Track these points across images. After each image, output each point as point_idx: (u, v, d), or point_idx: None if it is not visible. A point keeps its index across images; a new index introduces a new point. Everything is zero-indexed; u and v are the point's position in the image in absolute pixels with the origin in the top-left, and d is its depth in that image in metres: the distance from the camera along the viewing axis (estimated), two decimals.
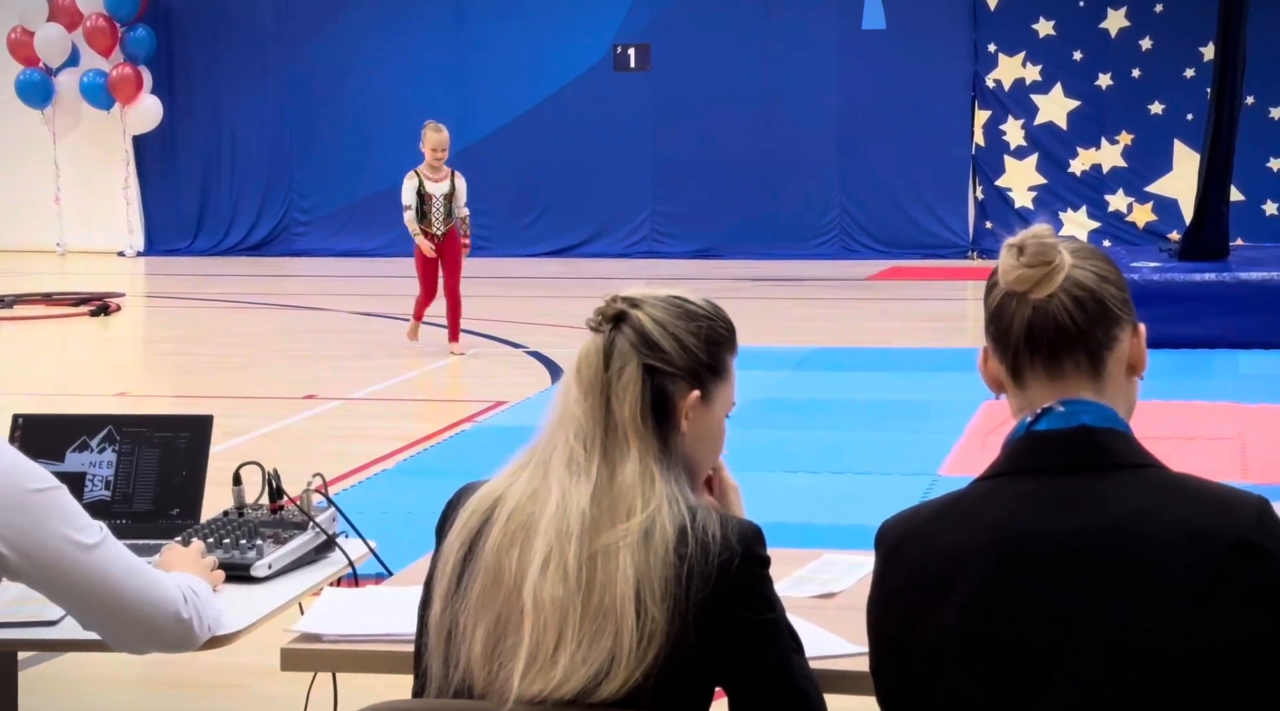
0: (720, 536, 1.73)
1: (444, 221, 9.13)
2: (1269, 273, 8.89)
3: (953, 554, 1.62)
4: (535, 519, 1.76)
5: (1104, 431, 1.62)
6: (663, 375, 1.78)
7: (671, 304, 1.82)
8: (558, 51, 15.03)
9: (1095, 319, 1.64)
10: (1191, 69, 13.51)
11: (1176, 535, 1.56)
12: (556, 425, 1.79)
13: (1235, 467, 5.97)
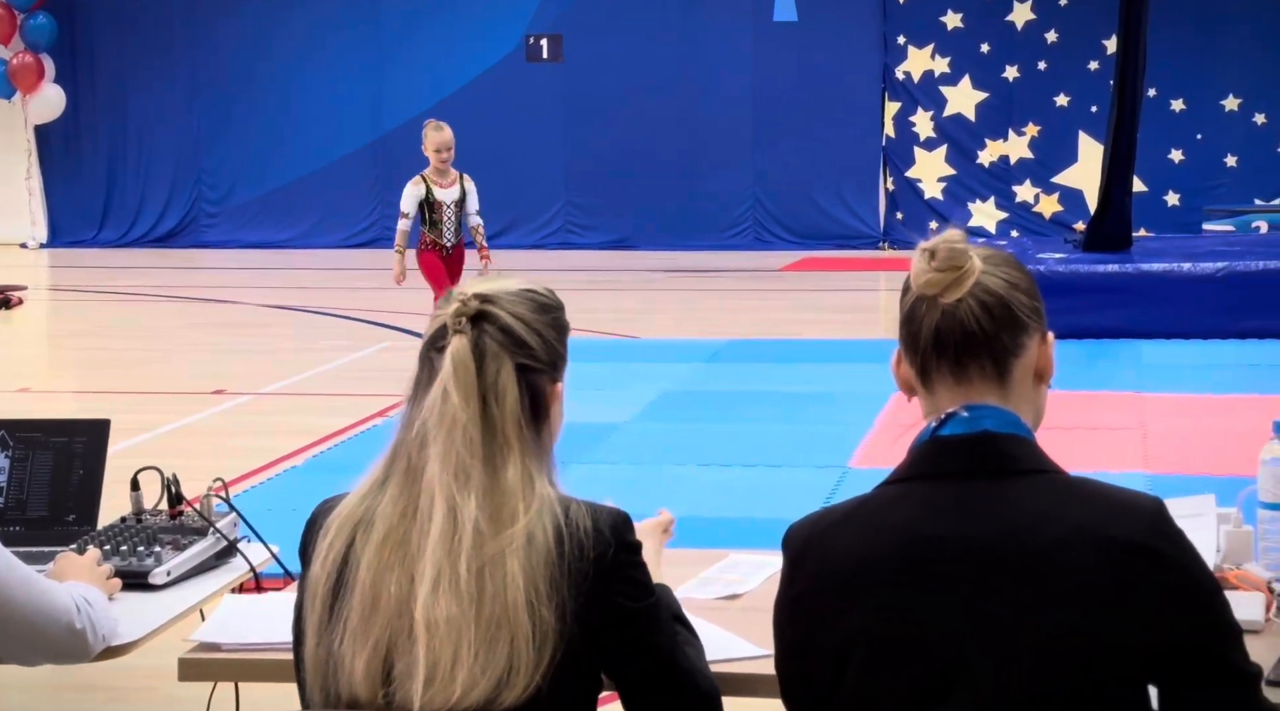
0: (593, 529, 1.73)
1: (456, 231, 8.40)
2: (1170, 264, 9.05)
3: (858, 559, 1.64)
4: (414, 537, 1.71)
5: (1006, 437, 1.64)
6: (532, 372, 1.77)
7: (525, 297, 1.80)
8: (470, 42, 14.94)
9: (1002, 325, 1.65)
10: (1095, 62, 13.72)
11: (1075, 539, 1.57)
12: (434, 431, 1.72)
13: (1137, 458, 6.07)
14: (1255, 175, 13.63)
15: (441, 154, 8.35)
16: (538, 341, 1.78)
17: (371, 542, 1.73)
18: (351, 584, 1.72)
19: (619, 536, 1.75)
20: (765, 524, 5.39)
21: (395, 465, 1.76)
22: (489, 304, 1.77)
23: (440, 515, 1.70)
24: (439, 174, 8.41)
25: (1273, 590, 2.25)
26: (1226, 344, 8.70)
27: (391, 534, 1.73)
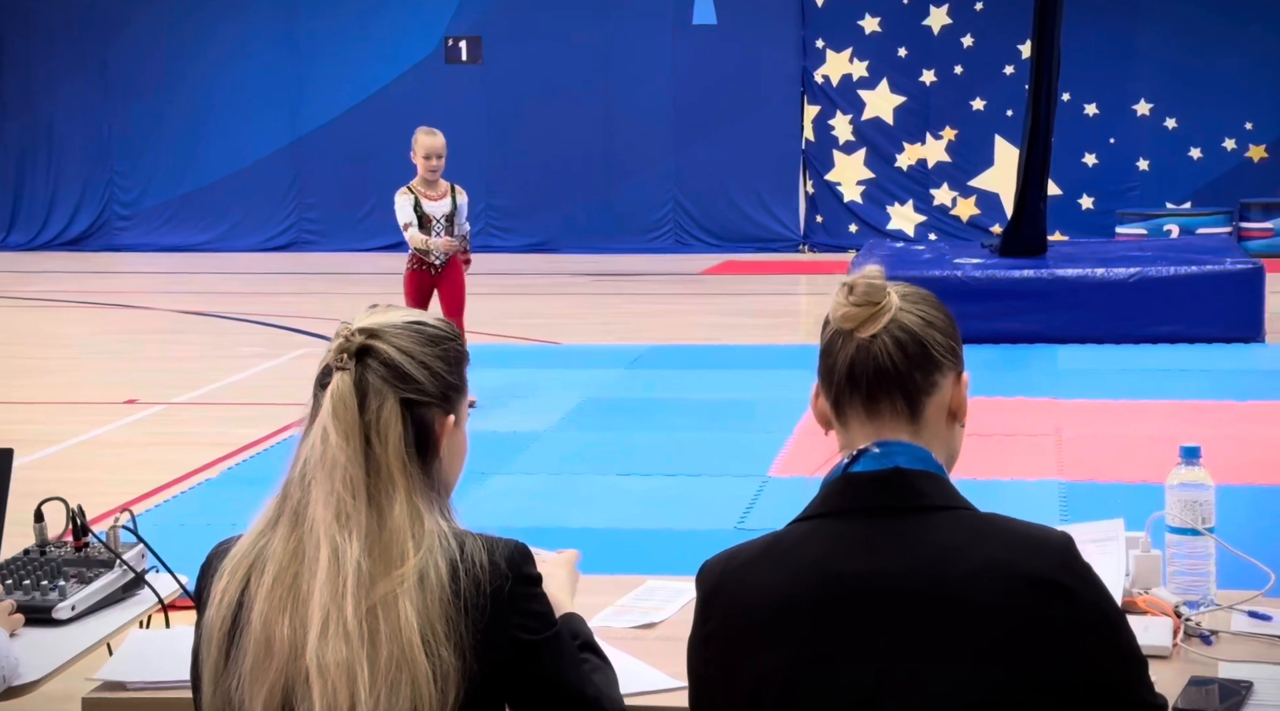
0: (489, 564, 1.71)
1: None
2: (1084, 269, 9.17)
3: (769, 598, 1.64)
4: (304, 580, 1.69)
5: (916, 473, 1.64)
6: (420, 406, 1.74)
7: (412, 330, 1.76)
8: (389, 43, 14.83)
9: (915, 362, 1.66)
10: (1011, 66, 13.88)
11: (984, 575, 1.58)
12: (315, 472, 1.69)
13: (1051, 465, 6.14)
14: (1166, 178, 13.86)
15: (431, 162, 7.56)
16: (425, 375, 1.75)
17: (264, 585, 1.70)
18: (246, 628, 1.69)
19: (516, 569, 1.73)
20: (685, 536, 5.41)
21: (285, 504, 1.73)
22: (373, 338, 1.74)
23: (324, 557, 1.67)
24: (428, 185, 7.57)
25: (1180, 614, 2.27)
26: (1139, 348, 8.83)
27: (282, 576, 1.70)
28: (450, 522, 1.74)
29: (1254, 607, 2.29)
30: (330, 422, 1.69)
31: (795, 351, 9.09)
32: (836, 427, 1.71)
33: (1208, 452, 6.57)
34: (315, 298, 12.10)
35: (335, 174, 15.09)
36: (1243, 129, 13.76)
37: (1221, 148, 13.82)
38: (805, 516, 1.68)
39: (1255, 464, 6.04)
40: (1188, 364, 8.34)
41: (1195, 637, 2.22)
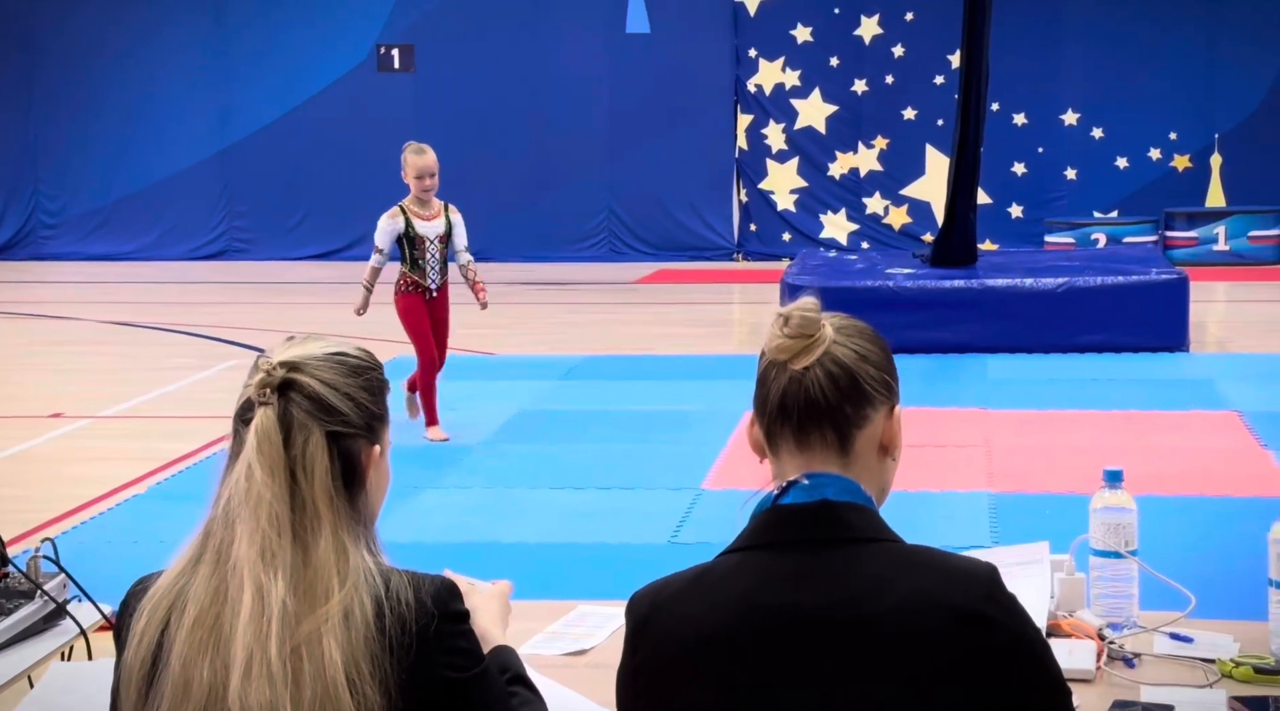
0: (415, 602, 1.69)
1: (441, 270, 7.13)
2: (1013, 279, 9.27)
3: (698, 630, 1.64)
4: (226, 621, 1.66)
5: (845, 506, 1.65)
6: (345, 438, 1.72)
7: (334, 361, 1.74)
8: (319, 51, 14.73)
9: (846, 396, 1.67)
10: (941, 76, 14.01)
11: (910, 607, 1.59)
12: (240, 510, 1.67)
13: (981, 476, 6.20)
14: (1094, 188, 14.04)
15: (424, 181, 7.10)
16: (350, 406, 1.73)
17: (184, 626, 1.67)
18: (165, 670, 1.66)
19: (442, 607, 1.72)
20: (619, 550, 5.41)
21: (207, 543, 1.70)
22: (295, 371, 1.72)
23: (248, 597, 1.65)
24: (420, 204, 7.13)
25: (1103, 637, 2.30)
26: (1067, 358, 8.94)
27: (203, 617, 1.67)
28: (376, 558, 1.73)
29: (1176, 630, 2.32)
30: (255, 459, 1.66)
31: (729, 361, 9.13)
32: (769, 457, 1.72)
33: (1133, 463, 6.70)
34: (246, 307, 11.98)
35: (266, 182, 14.96)
36: (1167, 139, 13.98)
37: (1147, 157, 14.03)
38: (734, 548, 1.68)
39: (1180, 474, 6.13)
40: (1114, 374, 8.45)
41: (1118, 661, 2.24)
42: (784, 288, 9.48)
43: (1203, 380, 8.14)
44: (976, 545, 5.15)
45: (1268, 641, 2.23)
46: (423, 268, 7.09)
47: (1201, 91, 13.86)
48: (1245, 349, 9.31)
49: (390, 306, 7.48)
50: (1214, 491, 5.89)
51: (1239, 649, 2.25)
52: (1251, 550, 2.50)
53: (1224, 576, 4.41)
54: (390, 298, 7.43)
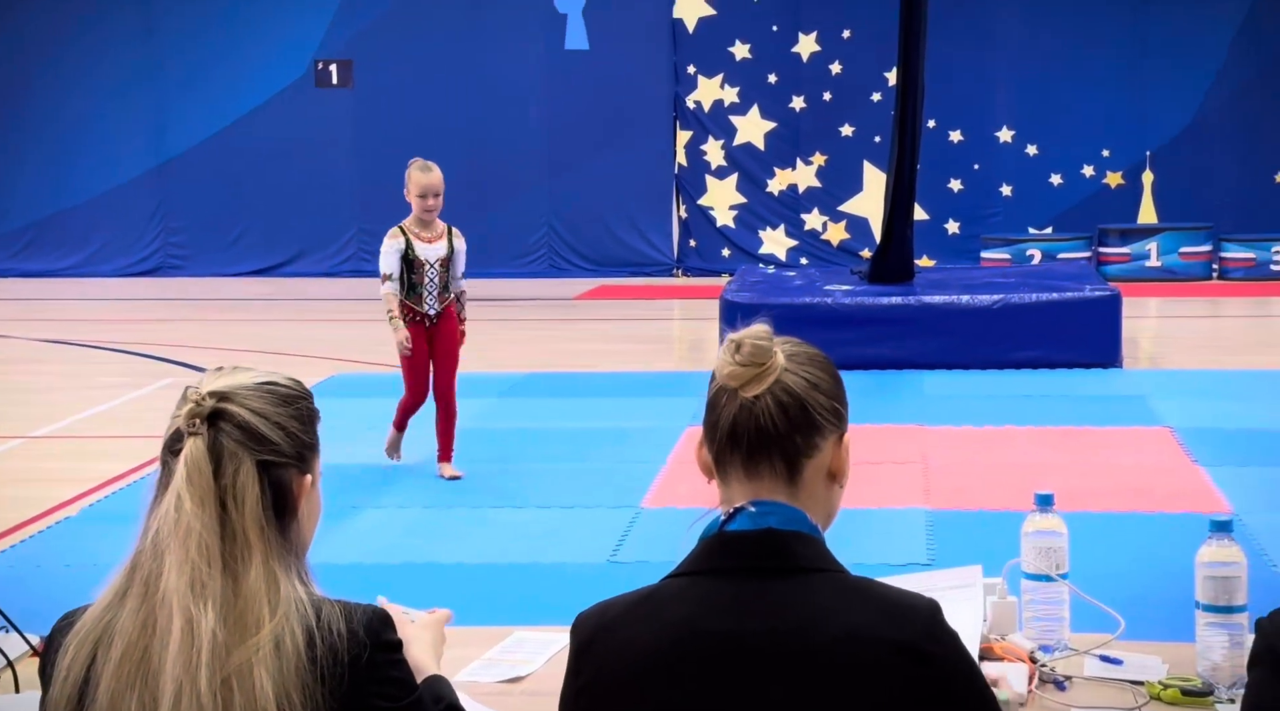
0: (347, 632, 1.69)
1: (439, 296, 6.61)
2: (950, 296, 9.35)
3: (640, 653, 1.65)
4: (154, 654, 1.65)
5: (789, 535, 1.65)
6: (276, 468, 1.73)
7: (264, 391, 1.75)
8: (256, 66, 14.64)
9: (796, 425, 1.67)
10: (878, 93, 14.13)
11: (850, 640, 1.60)
12: (169, 541, 1.66)
13: (918, 493, 6.24)
14: (1029, 204, 14.20)
15: (427, 201, 6.61)
16: (280, 435, 1.73)
17: (111, 660, 1.66)
18: (91, 706, 1.65)
19: (374, 636, 1.72)
20: (558, 569, 5.40)
21: (135, 576, 1.69)
22: (225, 401, 1.72)
23: (177, 628, 1.64)
24: (421, 226, 6.64)
25: (1035, 660, 2.33)
26: (1003, 374, 9.03)
27: (130, 651, 1.66)
28: (307, 587, 1.73)
29: (1106, 652, 2.35)
30: (184, 489, 1.66)
31: (669, 378, 9.15)
32: (718, 481, 1.72)
33: (1067, 480, 6.76)
34: (182, 325, 11.87)
35: (204, 197, 14.84)
36: (1100, 156, 14.17)
37: (1080, 174, 14.21)
38: (679, 572, 1.69)
39: (1113, 491, 6.21)
40: (1049, 390, 8.54)
41: (1050, 683, 2.27)
42: (723, 304, 9.51)
43: (1135, 396, 8.24)
44: (913, 562, 5.19)
45: (1195, 663, 2.26)
46: (420, 294, 6.55)
47: (1133, 109, 14.07)
48: (1177, 364, 9.45)
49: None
50: (1146, 507, 5.97)
51: (1167, 670, 2.28)
52: (1182, 568, 2.53)
53: (1155, 595, 4.47)
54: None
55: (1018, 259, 13.39)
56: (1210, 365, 9.29)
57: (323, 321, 12.00)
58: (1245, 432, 7.20)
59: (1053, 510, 2.44)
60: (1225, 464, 6.59)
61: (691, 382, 9.04)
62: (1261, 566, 5.03)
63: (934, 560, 5.25)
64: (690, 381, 9.09)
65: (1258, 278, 13.27)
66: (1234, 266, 13.45)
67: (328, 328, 11.61)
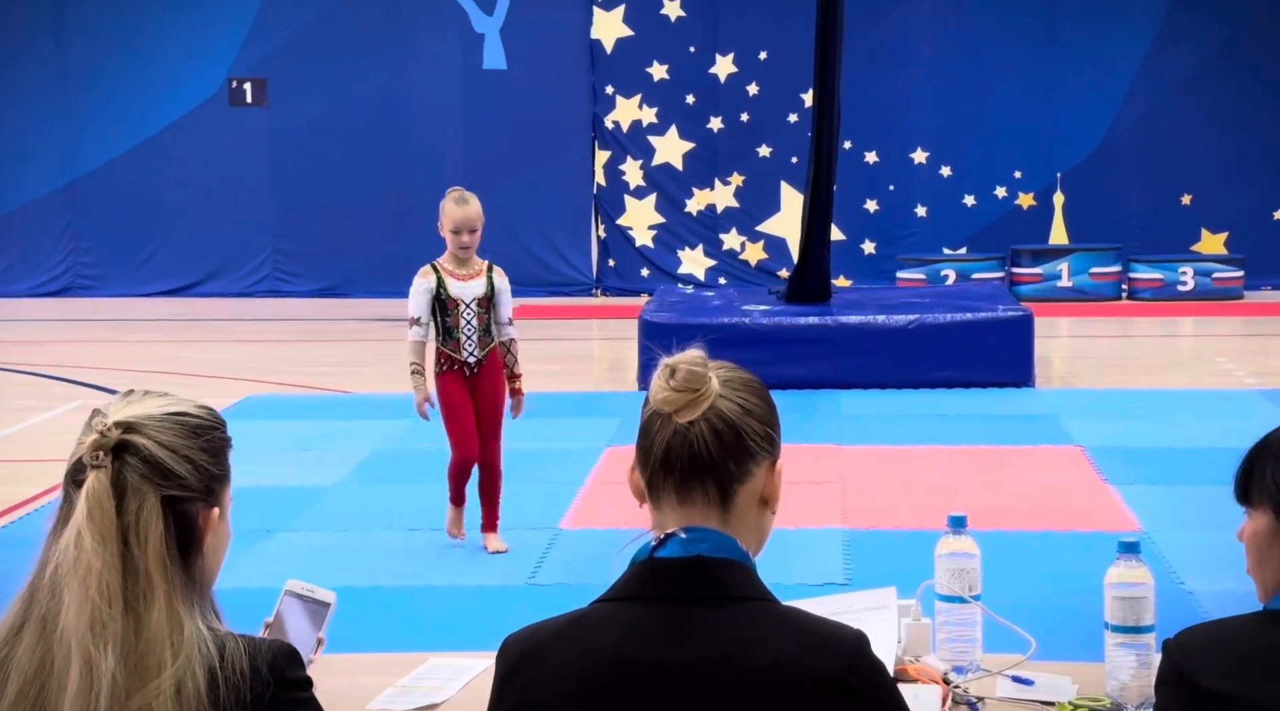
0: (249, 670, 1.65)
1: (480, 341, 5.78)
2: (866, 316, 9.44)
3: (565, 679, 1.64)
4: (52, 695, 1.61)
5: (719, 562, 1.65)
6: (182, 502, 1.68)
7: (173, 421, 1.70)
8: (168, 85, 14.46)
9: (730, 452, 1.67)
10: (795, 114, 14.25)
11: (773, 671, 1.59)
12: (67, 578, 1.61)
13: (835, 513, 6.28)
14: (943, 225, 14.38)
15: (461, 237, 5.84)
16: (188, 469, 1.69)
17: (7, 699, 1.62)
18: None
19: (279, 674, 1.68)
20: (476, 593, 5.37)
21: (32, 611, 1.64)
22: (131, 433, 1.66)
23: (75, 670, 1.60)
24: (456, 262, 5.89)
25: (948, 681, 2.34)
26: (918, 394, 9.12)
27: (26, 689, 1.62)
28: (212, 624, 1.69)
29: (1018, 672, 2.38)
30: (85, 525, 1.61)
31: (588, 399, 9.14)
32: (650, 505, 1.72)
33: (981, 499, 6.83)
34: (92, 346, 11.67)
35: (115, 217, 14.61)
36: (1012, 177, 14.38)
37: (993, 195, 14.41)
38: (608, 597, 1.69)
39: (1026, 510, 6.28)
40: (963, 409, 8.64)
41: (963, 705, 2.29)
42: (642, 324, 9.53)
43: (1048, 415, 8.36)
44: (830, 582, 5.22)
45: (1104, 683, 2.29)
46: (457, 338, 5.74)
47: (1044, 131, 14.30)
48: (1088, 384, 9.59)
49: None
50: (1058, 526, 6.05)
51: (1077, 690, 2.31)
52: (1092, 587, 2.57)
53: (1065, 614, 4.53)
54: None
55: (933, 279, 13.54)
56: (1120, 385, 9.45)
57: (237, 342, 11.86)
58: (1154, 451, 7.33)
59: (966, 532, 2.46)
60: (1135, 482, 6.70)
61: (611, 403, 9.04)
62: (1169, 584, 5.11)
63: (851, 580, 5.28)
64: (609, 402, 9.09)
65: (1165, 298, 13.53)
66: (1142, 287, 13.70)
67: (242, 349, 11.48)
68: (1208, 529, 5.77)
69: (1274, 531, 1.78)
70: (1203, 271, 13.66)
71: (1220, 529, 6.13)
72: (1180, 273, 13.65)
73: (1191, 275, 13.62)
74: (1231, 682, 1.68)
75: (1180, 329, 12.42)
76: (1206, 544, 5.57)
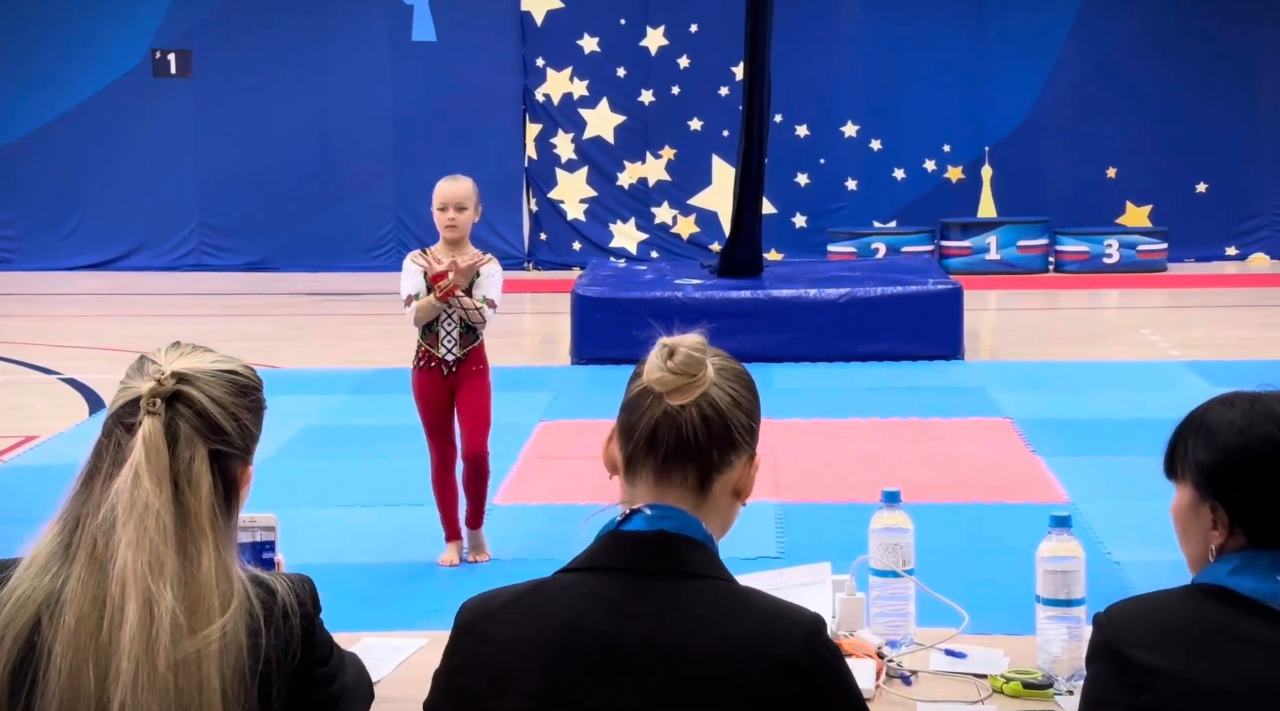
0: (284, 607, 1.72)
1: (460, 340, 5.41)
2: (798, 290, 9.47)
3: (515, 644, 1.65)
4: (106, 628, 1.64)
5: (681, 539, 1.66)
6: (226, 458, 1.74)
7: (225, 378, 1.75)
8: (91, 55, 14.20)
9: (716, 440, 1.68)
10: (726, 87, 14.25)
11: (725, 650, 1.59)
12: (125, 516, 1.65)
13: (768, 486, 6.31)
14: (873, 198, 14.46)
15: (448, 213, 5.39)
16: (234, 426, 1.74)
17: (64, 629, 1.64)
18: (46, 675, 1.62)
19: (317, 602, 1.79)
20: (410, 569, 5.34)
21: (79, 546, 1.67)
22: (186, 384, 1.72)
23: (134, 608, 1.63)
24: (449, 247, 5.41)
25: (882, 656, 2.36)
26: (849, 367, 9.17)
27: (84, 622, 1.64)
28: (247, 570, 1.75)
29: (951, 646, 2.40)
30: (144, 467, 1.66)
31: (521, 373, 9.10)
32: (623, 479, 1.72)
33: (913, 471, 6.87)
34: (13, 321, 11.47)
35: (35, 190, 14.35)
36: (941, 151, 14.48)
37: (923, 169, 14.51)
38: (571, 567, 1.69)
39: (956, 482, 6.35)
40: (894, 382, 8.70)
41: (896, 678, 2.30)
42: (574, 298, 9.51)
43: (976, 388, 8.44)
44: (763, 555, 5.25)
45: (1035, 655, 2.32)
46: (436, 332, 5.37)
47: (972, 105, 14.40)
48: (1016, 356, 9.69)
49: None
50: (988, 498, 6.12)
51: (1009, 664, 2.33)
52: (1022, 559, 2.60)
53: (997, 586, 4.58)
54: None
55: (863, 252, 13.62)
56: (1047, 357, 9.56)
57: (162, 317, 11.70)
58: (1081, 423, 7.42)
59: (900, 506, 2.48)
60: (1062, 454, 6.78)
61: (543, 377, 9.01)
62: (1097, 555, 5.18)
63: (784, 553, 5.31)
64: (542, 376, 9.07)
65: (1091, 270, 13.70)
66: (1069, 259, 13.86)
67: (167, 323, 11.32)
68: (1134, 499, 5.86)
69: (1195, 505, 1.80)
70: (1127, 244, 13.84)
71: (1146, 499, 6.22)
72: (1106, 245, 13.82)
73: (1117, 248, 13.80)
74: (1160, 656, 1.70)
75: (1106, 301, 12.59)
76: (1133, 514, 5.65)
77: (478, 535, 5.54)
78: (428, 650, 2.52)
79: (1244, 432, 1.76)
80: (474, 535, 5.54)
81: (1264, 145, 14.30)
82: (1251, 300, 12.07)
